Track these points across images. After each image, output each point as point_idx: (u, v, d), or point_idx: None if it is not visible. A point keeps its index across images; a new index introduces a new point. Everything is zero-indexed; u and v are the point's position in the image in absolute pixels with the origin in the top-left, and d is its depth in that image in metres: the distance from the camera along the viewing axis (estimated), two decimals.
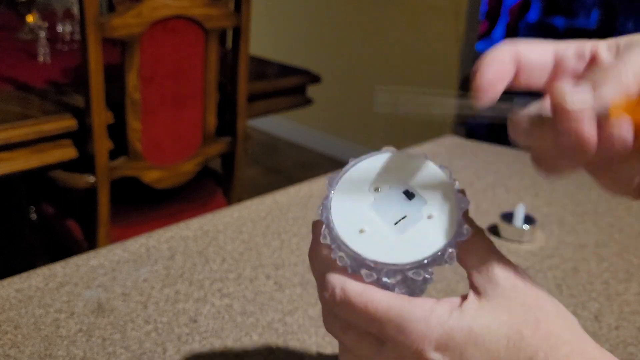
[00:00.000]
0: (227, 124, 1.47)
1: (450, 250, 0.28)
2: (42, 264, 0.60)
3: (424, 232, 0.28)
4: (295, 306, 0.55)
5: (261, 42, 3.09)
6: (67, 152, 1.26)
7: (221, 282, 0.58)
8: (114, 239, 1.33)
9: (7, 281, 0.56)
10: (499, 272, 0.28)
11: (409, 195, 0.29)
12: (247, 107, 1.46)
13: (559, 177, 0.28)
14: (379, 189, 0.29)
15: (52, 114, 1.22)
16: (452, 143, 0.97)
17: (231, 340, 0.50)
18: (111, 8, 1.15)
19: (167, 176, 1.37)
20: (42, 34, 1.56)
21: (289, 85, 1.66)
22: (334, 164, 3.02)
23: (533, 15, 3.70)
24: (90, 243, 1.34)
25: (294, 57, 3.00)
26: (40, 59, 1.58)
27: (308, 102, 1.75)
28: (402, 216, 0.28)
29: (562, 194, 0.80)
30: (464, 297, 0.28)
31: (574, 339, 0.27)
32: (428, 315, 0.27)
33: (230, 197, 1.54)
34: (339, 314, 0.29)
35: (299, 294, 0.57)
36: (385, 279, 0.28)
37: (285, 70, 1.74)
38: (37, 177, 1.35)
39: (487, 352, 0.26)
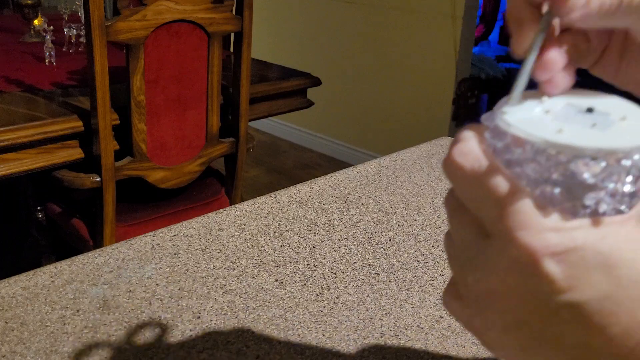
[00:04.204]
0: (229, 125, 1.48)
1: None
2: (48, 262, 0.61)
3: (628, 129, 0.23)
4: (296, 302, 0.56)
5: (263, 46, 3.10)
6: (73, 152, 1.28)
7: (224, 279, 0.59)
8: (119, 238, 1.34)
9: (13, 279, 0.56)
10: None
11: (589, 110, 0.25)
12: (249, 109, 1.47)
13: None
14: (549, 112, 0.25)
15: (59, 116, 1.24)
16: (449, 143, 0.98)
17: (234, 335, 0.50)
18: (116, 12, 1.16)
19: (171, 176, 1.38)
20: (48, 37, 1.58)
21: (290, 88, 1.67)
22: (333, 165, 3.03)
23: None
24: (96, 241, 1.35)
25: (295, 60, 3.01)
26: (47, 61, 1.60)
27: (309, 104, 1.76)
28: (593, 123, 0.24)
29: None
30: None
31: None
32: (559, 219, 0.22)
33: (233, 196, 1.55)
34: (458, 188, 0.25)
35: (300, 291, 0.57)
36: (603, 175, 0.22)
37: (287, 73, 1.76)
38: (44, 177, 1.36)
39: (617, 287, 0.22)
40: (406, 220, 0.73)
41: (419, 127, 2.77)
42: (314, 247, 0.65)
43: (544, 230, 0.22)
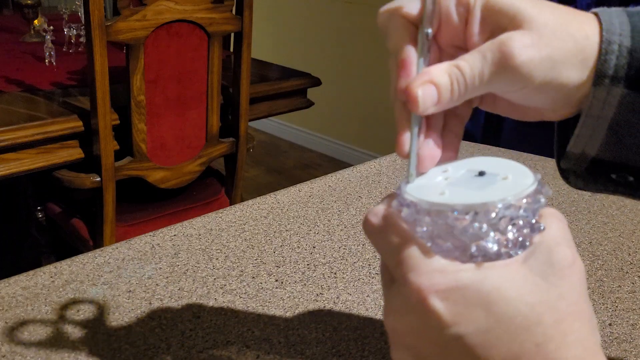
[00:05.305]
0: (229, 125, 1.48)
1: (540, 194, 0.27)
2: (48, 262, 0.61)
3: (505, 186, 0.27)
4: (296, 302, 0.56)
5: (263, 46, 3.10)
6: (73, 152, 1.28)
7: (224, 279, 0.59)
8: (119, 238, 1.34)
9: (13, 279, 0.56)
10: (563, 251, 0.26)
11: (480, 173, 0.29)
12: (249, 109, 1.47)
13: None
14: (448, 178, 0.29)
15: (59, 116, 1.24)
16: None
17: (233, 335, 0.51)
18: (116, 12, 1.16)
19: (171, 176, 1.38)
20: (48, 37, 1.58)
21: (290, 88, 1.67)
22: (333, 164, 3.03)
23: None
24: (96, 241, 1.35)
25: (295, 60, 3.01)
26: (47, 61, 1.60)
27: (309, 104, 1.76)
28: (479, 184, 0.28)
29: (556, 193, 0.81)
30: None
31: (590, 348, 0.26)
32: (445, 263, 0.25)
33: (233, 196, 1.55)
34: (372, 241, 0.29)
35: (300, 291, 0.57)
36: (476, 225, 0.25)
37: (286, 73, 1.76)
38: (44, 177, 1.36)
39: (495, 322, 0.24)
40: None
41: None
42: (314, 247, 0.65)
43: (430, 272, 0.25)
